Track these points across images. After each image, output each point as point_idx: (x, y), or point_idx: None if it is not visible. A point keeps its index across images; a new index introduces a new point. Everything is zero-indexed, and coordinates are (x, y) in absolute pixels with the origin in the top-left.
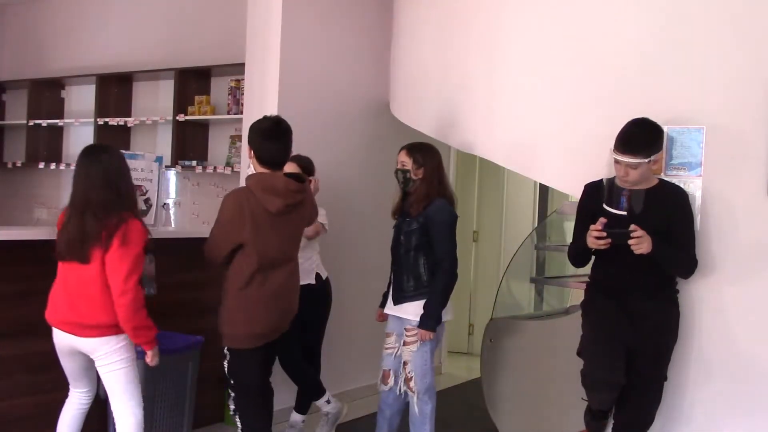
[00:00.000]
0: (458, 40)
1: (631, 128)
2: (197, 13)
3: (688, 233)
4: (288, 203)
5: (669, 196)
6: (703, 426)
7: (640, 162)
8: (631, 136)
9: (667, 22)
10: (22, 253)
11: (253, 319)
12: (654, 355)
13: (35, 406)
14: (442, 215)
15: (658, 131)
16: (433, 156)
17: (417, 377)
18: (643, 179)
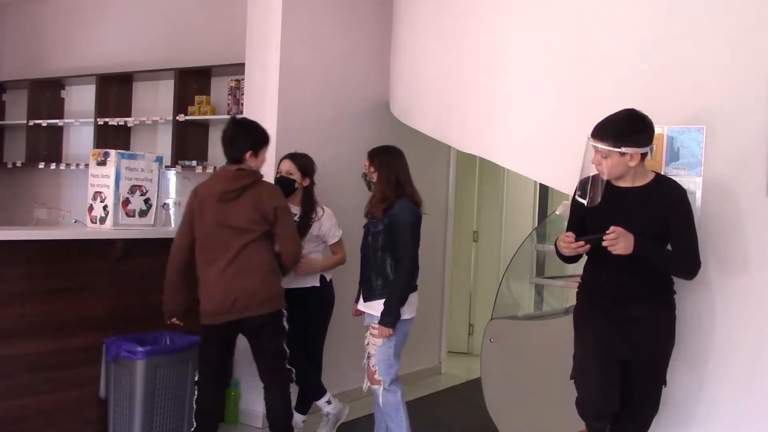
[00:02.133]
0: (458, 40)
1: (613, 114)
2: (197, 13)
3: (686, 231)
4: (225, 189)
5: (662, 194)
6: (712, 427)
7: (609, 150)
8: (606, 121)
9: (667, 22)
10: (22, 253)
11: (205, 297)
12: (648, 364)
13: (35, 406)
14: (404, 215)
15: (638, 124)
16: (389, 159)
17: (381, 370)
18: (618, 172)
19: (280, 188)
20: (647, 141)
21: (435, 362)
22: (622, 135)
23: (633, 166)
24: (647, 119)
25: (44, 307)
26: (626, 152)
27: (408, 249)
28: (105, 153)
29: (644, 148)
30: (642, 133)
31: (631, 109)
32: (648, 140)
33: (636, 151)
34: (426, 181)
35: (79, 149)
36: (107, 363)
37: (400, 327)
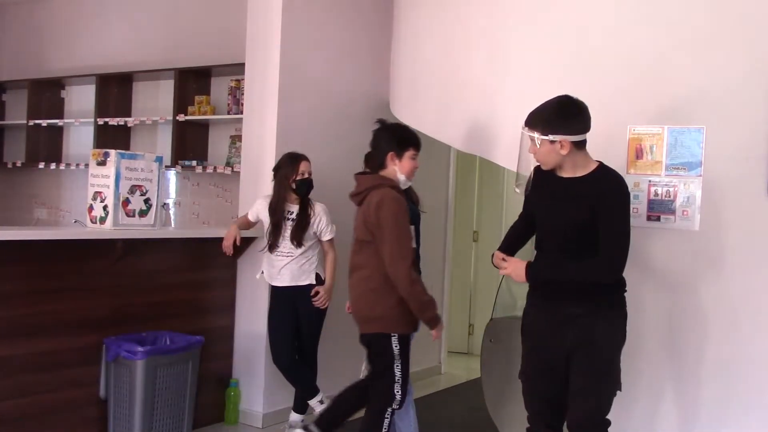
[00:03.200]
0: (459, 40)
1: (546, 101)
2: (197, 13)
3: (608, 228)
4: (351, 193)
5: (594, 184)
6: (707, 425)
7: (537, 138)
8: (537, 108)
9: (667, 22)
10: (22, 253)
11: None
12: (586, 362)
13: (35, 406)
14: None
15: (569, 111)
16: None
17: None
18: (552, 161)
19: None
20: (580, 129)
21: (435, 362)
22: (550, 122)
23: (564, 154)
24: (581, 105)
25: (44, 307)
26: (555, 140)
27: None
28: (105, 153)
29: (575, 135)
30: (572, 119)
31: (565, 95)
32: (581, 128)
33: (565, 138)
34: (426, 181)
35: (79, 149)
36: (107, 363)
37: None
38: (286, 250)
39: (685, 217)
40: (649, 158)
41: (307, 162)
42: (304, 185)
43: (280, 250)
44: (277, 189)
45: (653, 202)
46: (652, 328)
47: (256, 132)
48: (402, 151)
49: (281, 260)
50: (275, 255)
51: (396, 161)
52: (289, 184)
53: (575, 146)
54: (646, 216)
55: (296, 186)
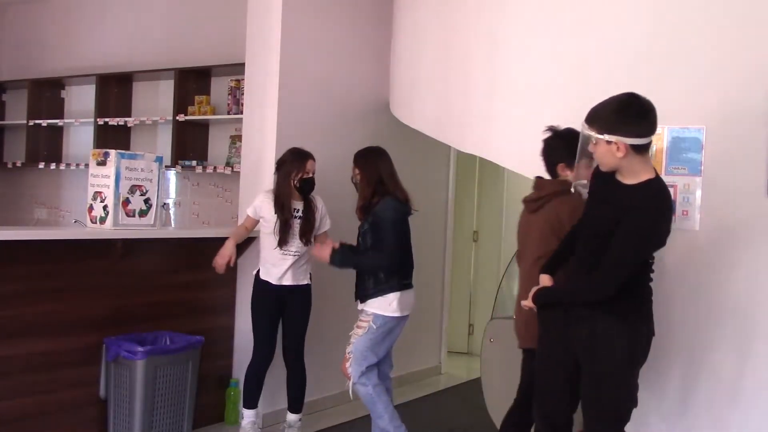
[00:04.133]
0: (458, 40)
1: (611, 97)
2: (197, 13)
3: (614, 246)
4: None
5: (628, 198)
6: (708, 425)
7: (595, 137)
8: (600, 104)
9: (667, 22)
10: (22, 253)
11: None
12: (589, 371)
13: (35, 406)
14: (385, 213)
15: (630, 111)
16: (369, 159)
17: (354, 361)
18: (609, 163)
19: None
20: (639, 132)
21: (435, 362)
22: (608, 121)
23: (621, 157)
24: (646, 106)
25: (44, 307)
26: (611, 141)
27: (388, 244)
28: (105, 153)
29: (633, 138)
30: (632, 120)
31: (631, 93)
32: (642, 132)
33: (621, 140)
34: (426, 181)
35: (79, 149)
36: (107, 363)
37: (382, 322)
38: (293, 249)
39: (685, 217)
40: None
41: (313, 161)
42: (307, 185)
43: (288, 248)
44: (280, 184)
45: None
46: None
47: (256, 132)
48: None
49: (289, 259)
50: (283, 254)
51: (567, 171)
52: (293, 182)
53: (634, 150)
54: None
55: (300, 185)
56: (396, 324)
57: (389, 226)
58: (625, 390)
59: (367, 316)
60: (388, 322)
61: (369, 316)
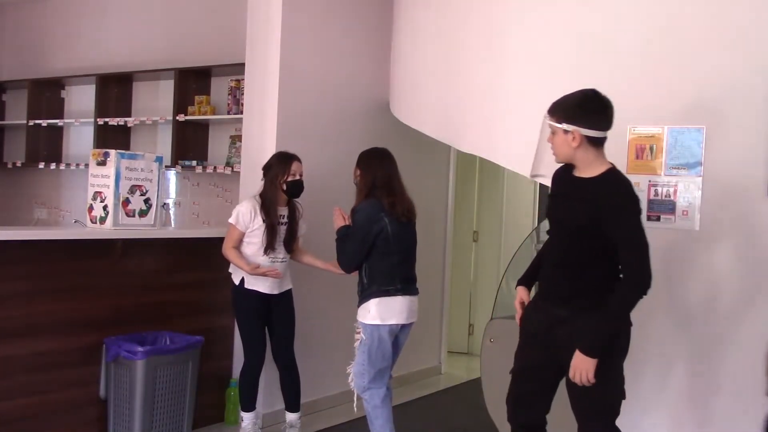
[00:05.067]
0: (458, 40)
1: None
2: (197, 13)
3: (626, 245)
4: None
5: (600, 192)
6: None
7: (552, 125)
8: (563, 96)
9: (667, 22)
10: (22, 253)
11: None
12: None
13: (35, 406)
14: (356, 213)
15: (590, 104)
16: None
17: (356, 375)
18: (564, 154)
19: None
20: (596, 124)
21: (435, 362)
22: (567, 111)
23: (575, 147)
24: (605, 102)
25: (44, 307)
26: (568, 130)
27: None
28: (105, 153)
29: (589, 130)
30: (590, 113)
31: (594, 89)
32: (598, 123)
33: (578, 130)
34: (426, 181)
35: (79, 149)
36: (107, 363)
37: (369, 332)
38: (281, 255)
39: (685, 217)
40: (649, 158)
41: (298, 162)
42: (294, 187)
43: (275, 255)
44: (267, 188)
45: (653, 202)
46: (652, 328)
47: (256, 132)
48: None
49: (277, 265)
50: (272, 261)
51: None
52: (280, 185)
53: (588, 142)
54: (646, 216)
55: (286, 188)
56: (386, 332)
57: (356, 230)
58: (613, 383)
59: (358, 327)
60: (374, 331)
61: (359, 327)
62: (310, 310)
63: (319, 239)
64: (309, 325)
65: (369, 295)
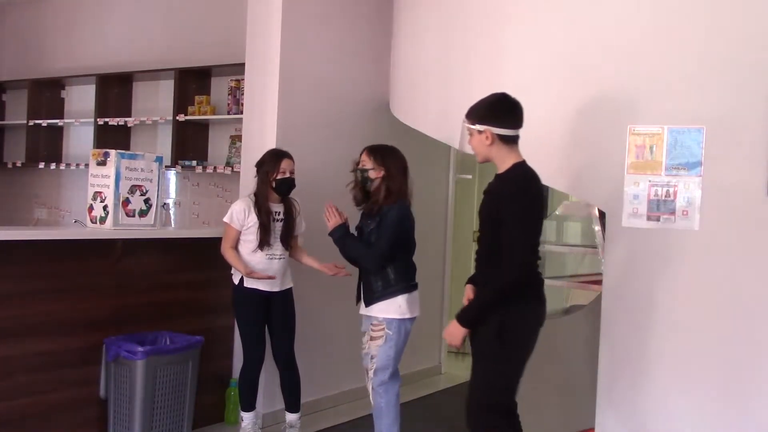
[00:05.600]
0: (459, 40)
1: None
2: (197, 13)
3: (507, 229)
4: None
5: (499, 184)
6: (708, 424)
7: (468, 127)
8: (478, 101)
9: (667, 22)
10: (22, 253)
11: None
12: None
13: (35, 406)
14: (391, 214)
15: (500, 104)
16: (396, 157)
17: (378, 370)
18: (482, 153)
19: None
20: (505, 122)
21: (435, 362)
22: (480, 113)
23: (488, 145)
24: (514, 103)
25: (44, 307)
26: (482, 130)
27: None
28: (105, 153)
29: (499, 128)
30: (500, 113)
31: (504, 93)
32: (507, 122)
33: (489, 129)
34: (426, 181)
35: (79, 149)
36: (107, 363)
37: (397, 326)
38: (278, 252)
39: (685, 217)
40: (649, 158)
41: (289, 160)
42: (284, 185)
43: (273, 252)
44: (259, 186)
45: (653, 202)
46: (651, 327)
47: (256, 132)
48: None
49: (275, 263)
50: (269, 258)
51: None
52: (270, 182)
53: (500, 140)
54: (646, 216)
55: (276, 185)
56: (410, 325)
57: (389, 228)
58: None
59: (379, 323)
60: (400, 325)
61: (381, 323)
62: (311, 310)
63: (319, 239)
64: (309, 325)
65: (397, 291)
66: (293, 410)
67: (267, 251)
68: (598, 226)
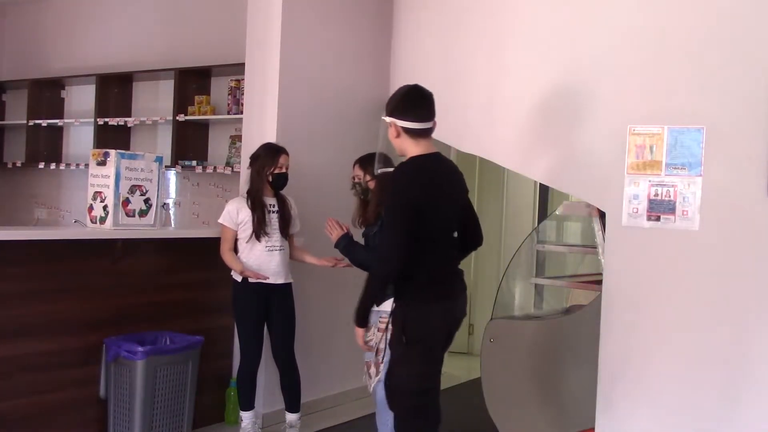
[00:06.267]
0: (458, 41)
1: None
2: (197, 13)
3: (383, 223)
4: None
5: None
6: (708, 424)
7: (383, 120)
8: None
9: (666, 22)
10: (22, 253)
11: None
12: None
13: (35, 406)
14: None
15: (406, 96)
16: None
17: (386, 363)
18: (395, 145)
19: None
20: (410, 115)
21: None
22: (390, 105)
23: (395, 137)
24: (424, 95)
25: (44, 307)
26: (390, 122)
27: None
28: (105, 153)
29: (404, 121)
30: (408, 105)
31: (416, 85)
32: (413, 115)
33: (395, 122)
34: None
35: (79, 149)
36: (107, 363)
37: None
38: (278, 243)
39: (685, 217)
40: (649, 158)
41: (286, 156)
42: (281, 179)
43: (272, 243)
44: (254, 179)
45: (653, 202)
46: (651, 327)
47: (256, 132)
48: None
49: (276, 255)
50: (269, 251)
51: None
52: (266, 176)
53: (405, 132)
54: (646, 216)
55: (272, 179)
56: None
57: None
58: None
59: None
60: None
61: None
62: (311, 310)
63: (319, 239)
64: (309, 325)
65: None
66: (293, 410)
67: (266, 243)
68: (598, 226)
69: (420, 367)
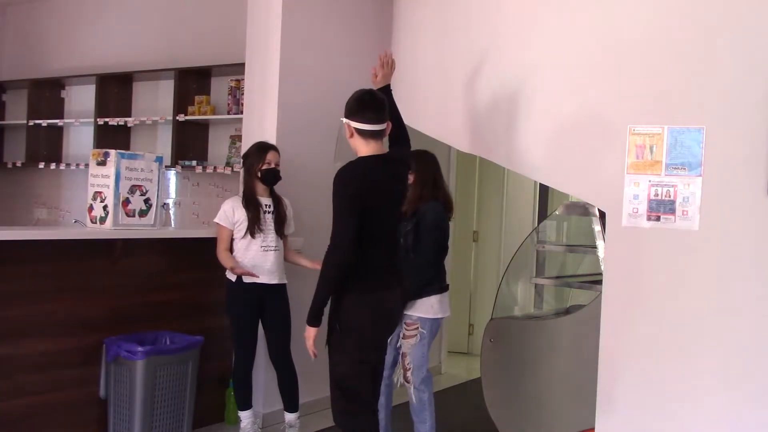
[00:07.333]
0: (458, 41)
1: None
2: (197, 13)
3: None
4: None
5: None
6: (708, 423)
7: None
8: None
9: (666, 22)
10: (22, 253)
11: None
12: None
13: (35, 406)
14: (428, 216)
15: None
16: (426, 161)
17: (414, 369)
18: (351, 145)
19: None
20: (360, 116)
21: (435, 362)
22: (346, 107)
23: (349, 137)
24: (375, 98)
25: (44, 307)
26: (344, 123)
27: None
28: (105, 153)
29: (355, 122)
30: (359, 107)
31: (369, 89)
32: (363, 117)
33: (347, 122)
34: None
35: (79, 149)
36: (107, 363)
37: (430, 325)
38: (273, 243)
39: (685, 217)
40: (649, 158)
41: (275, 152)
42: (270, 175)
43: (268, 242)
44: (245, 178)
45: (653, 202)
46: (651, 327)
47: (256, 132)
48: None
49: (271, 254)
50: (264, 250)
51: None
52: (256, 173)
53: (358, 133)
54: (646, 216)
55: (261, 175)
56: (441, 324)
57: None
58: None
59: (414, 322)
60: (433, 324)
61: (416, 322)
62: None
63: (319, 240)
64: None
65: (432, 290)
66: (292, 410)
67: (261, 242)
68: (598, 226)
69: (353, 353)
